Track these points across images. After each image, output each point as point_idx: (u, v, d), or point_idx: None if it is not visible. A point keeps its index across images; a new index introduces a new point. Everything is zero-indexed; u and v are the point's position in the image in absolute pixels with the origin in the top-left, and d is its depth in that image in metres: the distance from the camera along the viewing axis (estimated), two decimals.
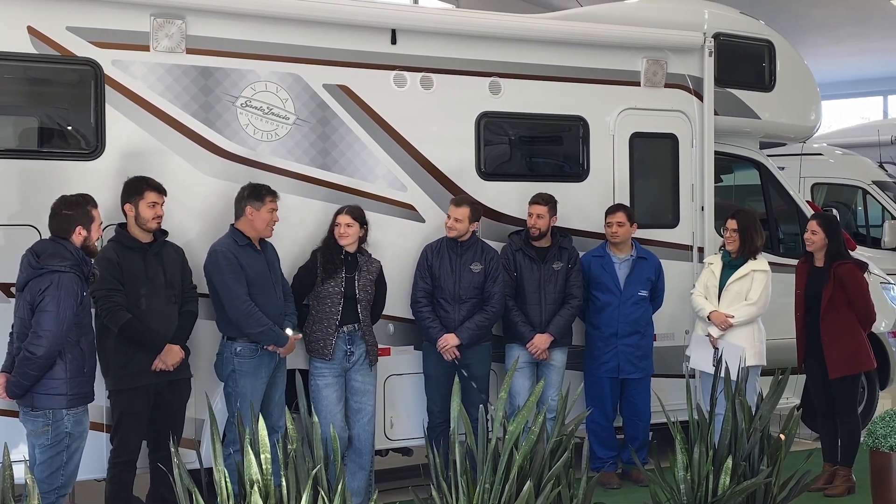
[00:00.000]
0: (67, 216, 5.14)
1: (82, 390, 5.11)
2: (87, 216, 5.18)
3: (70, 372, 5.02)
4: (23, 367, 4.94)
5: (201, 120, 6.18)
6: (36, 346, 4.90)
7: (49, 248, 5.07)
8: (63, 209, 5.16)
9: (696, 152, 7.76)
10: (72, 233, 5.12)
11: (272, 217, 5.99)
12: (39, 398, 4.98)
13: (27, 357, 4.91)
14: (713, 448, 5.31)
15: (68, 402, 5.02)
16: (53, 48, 5.81)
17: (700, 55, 7.75)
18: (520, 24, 7.24)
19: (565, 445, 4.88)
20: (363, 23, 6.64)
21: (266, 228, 6.00)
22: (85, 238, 5.16)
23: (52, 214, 5.18)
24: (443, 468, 4.80)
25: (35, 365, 4.92)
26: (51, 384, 4.98)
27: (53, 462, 5.02)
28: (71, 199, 5.20)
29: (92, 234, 5.19)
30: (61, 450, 5.03)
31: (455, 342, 6.48)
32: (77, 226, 5.13)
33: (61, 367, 5.00)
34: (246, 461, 4.21)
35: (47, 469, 5.01)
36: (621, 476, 7.28)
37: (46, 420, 5.00)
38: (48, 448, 5.01)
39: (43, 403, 4.99)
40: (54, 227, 5.16)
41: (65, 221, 5.14)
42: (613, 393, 7.19)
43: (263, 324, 5.85)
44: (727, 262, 7.07)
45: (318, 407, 6.09)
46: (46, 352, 4.91)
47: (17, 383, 4.98)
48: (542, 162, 7.73)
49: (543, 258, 6.91)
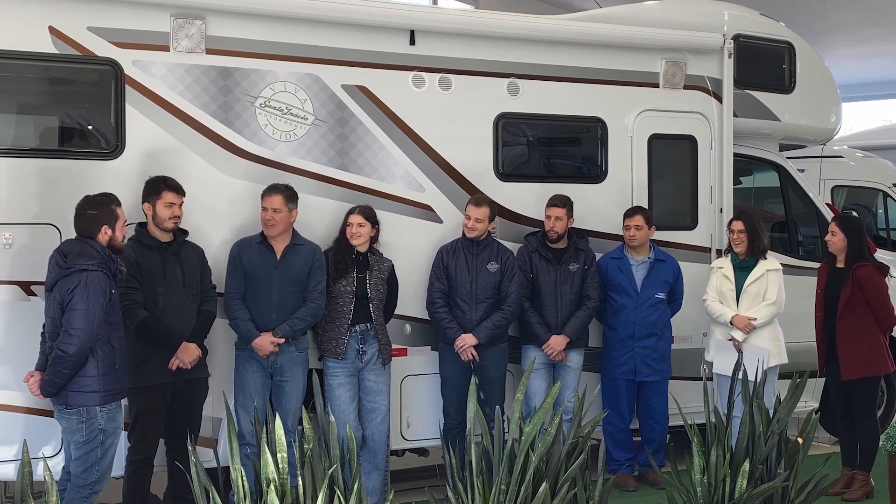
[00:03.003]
0: (93, 216, 5.18)
1: (115, 387, 5.16)
2: (112, 215, 5.22)
3: (102, 369, 5.07)
4: (56, 366, 4.99)
5: (220, 120, 6.21)
6: (67, 345, 4.95)
7: (76, 247, 5.12)
8: (88, 209, 5.20)
9: (714, 154, 7.73)
10: (98, 232, 5.17)
11: (265, 214, 6.00)
12: (73, 396, 5.04)
13: (59, 356, 4.96)
14: (730, 451, 5.29)
15: (101, 399, 5.07)
16: (74, 48, 5.85)
17: (719, 57, 7.72)
18: (538, 26, 7.23)
19: (581, 447, 4.87)
20: (382, 24, 6.66)
21: (263, 225, 6.03)
22: (111, 237, 5.20)
23: (77, 215, 5.22)
24: (459, 469, 4.80)
25: (67, 363, 4.96)
26: (84, 382, 5.03)
27: (88, 458, 5.08)
28: (95, 198, 5.25)
29: (117, 232, 5.24)
30: (95, 446, 5.09)
31: (473, 342, 6.48)
32: (102, 225, 5.18)
33: (93, 364, 5.05)
34: (262, 460, 4.23)
35: (82, 465, 5.07)
36: (638, 478, 7.26)
37: (80, 417, 5.05)
38: (83, 444, 5.07)
39: (76, 401, 5.04)
40: (80, 228, 5.21)
41: (90, 221, 5.18)
42: (630, 395, 7.18)
43: (234, 317, 5.99)
44: (737, 265, 7.04)
45: (331, 407, 6.10)
46: (78, 350, 4.96)
47: (50, 382, 5.03)
48: (559, 163, 7.72)
49: (560, 259, 6.90)
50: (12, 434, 5.59)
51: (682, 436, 6.70)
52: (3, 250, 5.65)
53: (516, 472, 4.56)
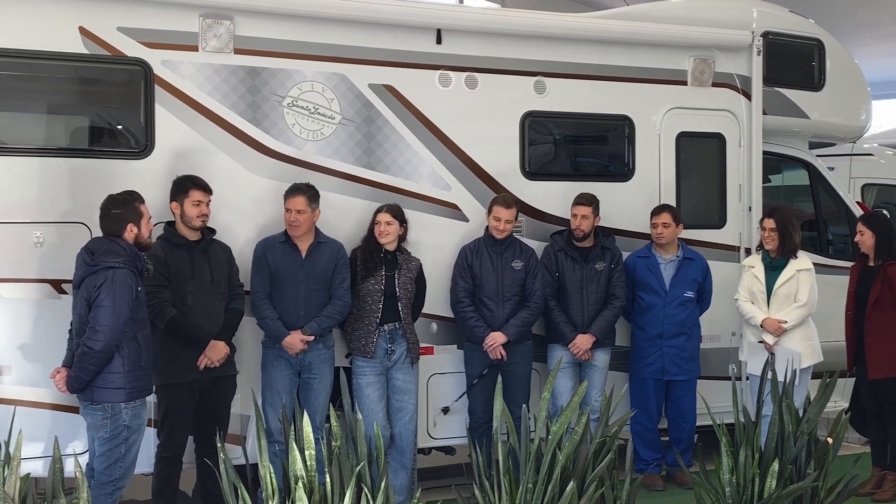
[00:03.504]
0: (117, 215, 5.22)
1: (140, 384, 5.19)
2: (136, 213, 5.26)
3: (128, 366, 5.11)
4: (82, 362, 5.03)
5: (248, 119, 6.25)
6: (93, 341, 4.99)
7: (103, 245, 5.17)
8: (112, 209, 5.25)
9: (743, 152, 7.68)
10: (123, 230, 5.21)
11: (289, 215, 6.02)
12: (98, 392, 5.08)
13: (85, 352, 5.01)
14: (759, 451, 5.26)
15: (126, 396, 5.11)
16: (104, 48, 5.91)
17: (748, 54, 7.67)
18: (565, 24, 7.21)
19: (609, 446, 4.86)
20: (408, 23, 6.67)
21: (288, 226, 6.05)
22: (136, 234, 5.24)
23: (102, 214, 5.27)
24: (485, 467, 4.80)
25: (93, 359, 5.01)
26: (109, 378, 5.07)
27: (112, 454, 5.11)
28: (118, 197, 5.29)
29: (142, 229, 5.28)
30: (119, 442, 5.12)
31: (503, 339, 6.48)
32: (128, 223, 5.22)
33: (119, 361, 5.08)
34: (291, 458, 4.25)
35: (106, 461, 5.10)
36: (665, 478, 7.22)
37: (105, 413, 5.08)
38: (107, 441, 5.10)
39: (102, 397, 5.08)
40: (105, 227, 5.26)
41: (115, 220, 5.22)
42: (658, 394, 7.14)
43: (263, 316, 6.00)
44: (768, 264, 6.98)
45: (360, 405, 6.11)
46: (104, 346, 5.00)
47: (76, 378, 5.07)
48: (586, 161, 7.69)
49: (586, 258, 6.88)
50: (43, 431, 5.65)
51: (710, 436, 6.67)
52: (33, 249, 5.71)
53: (543, 470, 4.56)
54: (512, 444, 4.80)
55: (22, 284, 5.70)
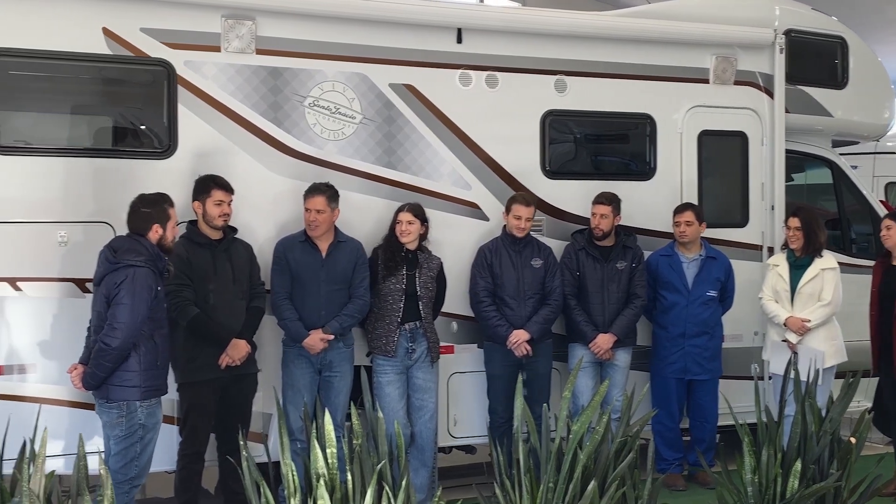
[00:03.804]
0: (145, 214, 5.27)
1: (155, 383, 5.22)
2: (164, 215, 5.30)
3: (143, 364, 5.13)
4: (98, 359, 5.06)
5: (270, 119, 6.28)
6: (111, 338, 5.02)
7: (126, 243, 5.21)
8: (141, 207, 5.29)
9: (766, 150, 7.65)
10: (149, 230, 5.25)
11: (308, 215, 6.04)
12: (114, 390, 5.10)
13: (102, 349, 5.04)
14: (782, 451, 5.24)
15: (142, 395, 5.13)
16: (127, 49, 5.95)
17: (771, 52, 7.64)
18: (586, 22, 7.21)
19: (630, 446, 4.85)
20: (429, 22, 6.68)
21: (308, 226, 6.07)
22: (161, 236, 5.28)
23: (131, 211, 5.32)
24: (506, 466, 4.80)
25: (110, 356, 5.04)
26: (125, 376, 5.10)
27: (128, 453, 5.14)
28: (149, 197, 5.34)
29: (167, 232, 5.31)
30: (135, 441, 5.14)
31: (526, 337, 6.48)
32: (154, 224, 5.26)
33: (135, 359, 5.11)
34: (312, 455, 4.27)
35: (121, 460, 5.12)
36: (687, 478, 7.20)
37: (121, 412, 5.11)
38: (122, 439, 5.13)
39: (117, 395, 5.10)
40: (132, 224, 5.30)
41: (142, 219, 5.27)
42: (680, 394, 7.12)
43: (283, 317, 6.01)
44: (793, 263, 6.94)
45: (381, 404, 6.12)
46: (121, 344, 5.03)
47: (92, 374, 5.10)
48: (607, 160, 7.68)
49: (607, 257, 6.87)
50: (66, 428, 5.70)
51: (731, 435, 6.65)
52: (58, 248, 5.77)
53: (564, 470, 4.56)
54: (533, 443, 4.81)
55: (46, 283, 5.76)
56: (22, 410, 5.43)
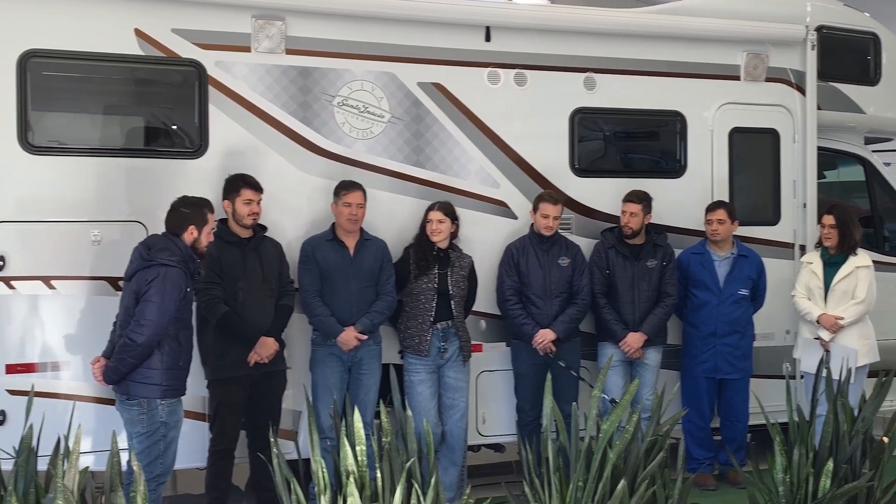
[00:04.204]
0: (184, 214, 5.32)
1: (175, 383, 5.24)
2: (202, 218, 5.35)
3: (166, 363, 5.17)
4: (122, 354, 5.10)
5: (300, 119, 6.31)
6: (137, 335, 5.06)
7: (160, 242, 5.26)
8: (182, 207, 5.35)
9: (798, 148, 7.58)
10: (184, 230, 5.29)
11: (349, 210, 6.07)
12: (135, 386, 5.14)
13: (127, 344, 5.08)
14: (814, 450, 5.20)
15: (162, 393, 5.16)
16: (159, 50, 6.00)
17: (802, 49, 7.58)
18: (615, 19, 7.17)
19: (660, 445, 4.83)
20: (457, 20, 6.68)
21: (346, 221, 6.09)
22: (195, 238, 5.32)
23: (171, 210, 5.37)
24: (535, 465, 4.80)
25: (134, 352, 5.08)
26: (147, 374, 5.13)
27: (152, 451, 5.17)
28: (191, 199, 5.40)
29: (202, 236, 5.35)
30: (158, 439, 5.18)
31: (552, 336, 6.46)
32: (190, 225, 5.30)
33: (158, 357, 5.15)
34: (342, 453, 4.29)
35: (147, 457, 5.15)
36: (718, 478, 7.16)
37: (142, 409, 5.15)
38: (145, 437, 5.16)
39: (138, 392, 5.14)
40: (169, 223, 5.35)
41: (180, 219, 5.32)
42: (711, 393, 7.08)
43: (316, 314, 6.02)
44: (827, 260, 6.88)
45: (412, 402, 6.14)
46: (146, 340, 5.07)
47: (114, 369, 5.14)
48: (637, 158, 7.64)
49: (637, 256, 6.84)
50: (99, 425, 5.76)
51: (763, 435, 6.60)
52: (91, 247, 5.83)
53: (594, 469, 4.54)
54: (562, 441, 4.80)
55: (80, 282, 5.82)
56: (55, 407, 5.49)
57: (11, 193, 5.71)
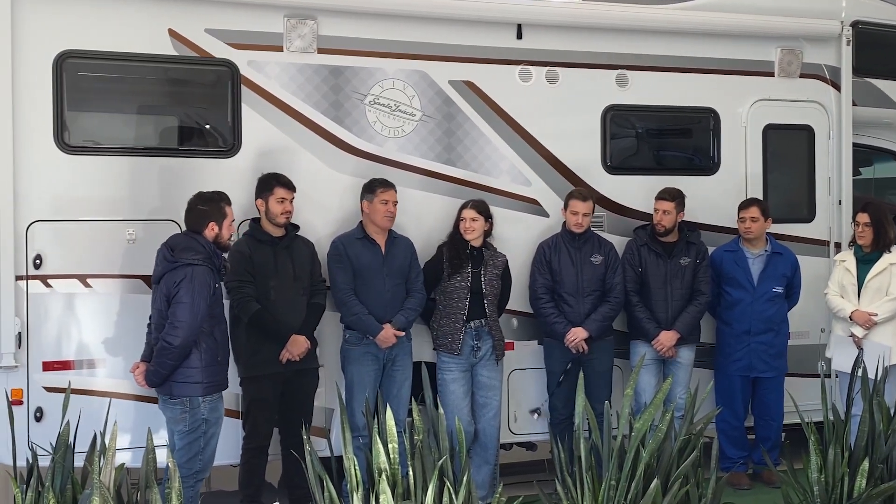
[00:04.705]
0: (202, 212, 5.35)
1: (217, 378, 5.30)
2: (220, 213, 5.38)
3: (205, 361, 5.22)
4: (161, 357, 5.16)
5: (331, 118, 6.33)
6: (173, 337, 5.11)
7: (183, 241, 5.30)
8: (198, 205, 5.38)
9: (833, 144, 7.51)
10: (205, 227, 5.33)
11: (386, 207, 6.08)
12: (177, 386, 5.20)
13: (164, 347, 5.13)
14: (849, 449, 5.15)
15: (204, 390, 5.21)
16: (192, 50, 6.05)
17: (837, 44, 7.50)
18: (648, 15, 7.12)
19: (694, 444, 4.81)
20: (488, 18, 6.67)
21: (382, 219, 6.10)
22: (217, 234, 5.36)
23: (188, 209, 5.41)
24: (567, 463, 4.79)
25: (172, 354, 5.13)
26: (187, 373, 5.19)
27: (192, 448, 5.22)
28: (206, 195, 5.43)
29: (223, 230, 5.39)
30: (198, 436, 5.23)
31: (584, 335, 6.44)
32: (210, 222, 5.34)
33: (196, 356, 5.20)
34: (374, 450, 4.31)
35: (186, 454, 5.21)
36: (752, 477, 7.11)
37: (184, 407, 5.20)
38: (186, 434, 5.22)
39: (180, 391, 5.20)
40: (189, 222, 5.40)
41: (199, 217, 5.36)
42: (745, 392, 7.02)
43: (354, 312, 6.00)
44: (861, 258, 6.81)
45: (444, 401, 6.15)
46: (182, 341, 5.11)
47: (155, 372, 5.20)
48: (670, 155, 7.59)
49: (670, 253, 6.80)
50: (134, 422, 5.82)
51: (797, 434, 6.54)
52: (126, 246, 5.89)
53: (626, 468, 4.53)
54: (594, 440, 4.79)
55: (115, 280, 5.88)
56: (91, 404, 5.56)
57: (48, 193, 5.78)
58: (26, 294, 5.70)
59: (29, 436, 5.52)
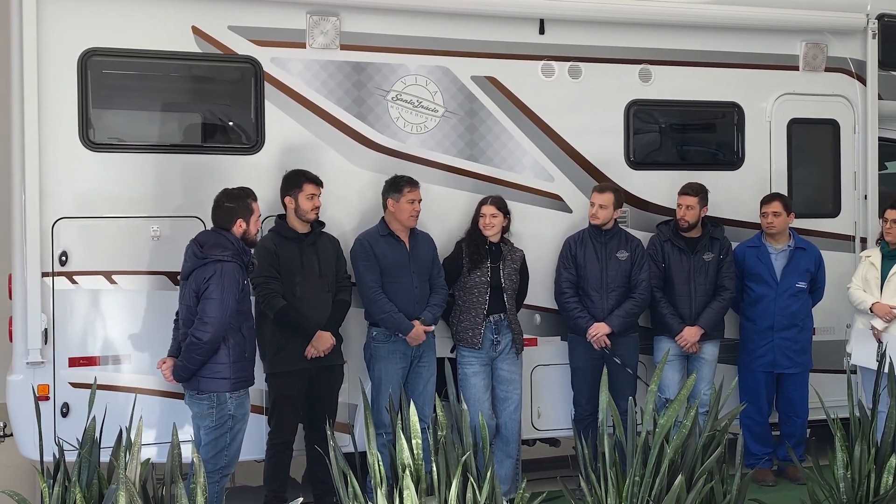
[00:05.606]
0: (229, 208, 5.38)
1: (244, 374, 5.33)
2: (247, 209, 5.40)
3: (233, 357, 5.24)
4: (189, 353, 5.19)
5: (354, 114, 6.35)
6: (202, 332, 5.14)
7: (211, 238, 5.33)
8: (225, 202, 5.40)
9: (858, 138, 7.45)
10: (233, 224, 5.35)
11: (413, 207, 6.09)
12: (205, 382, 5.22)
13: (193, 342, 5.16)
14: (875, 446, 5.11)
15: (231, 386, 5.24)
16: (216, 47, 6.08)
17: (863, 38, 7.44)
18: (671, 10, 7.09)
19: (718, 440, 4.79)
20: (511, 14, 6.66)
21: (408, 218, 6.11)
22: (245, 230, 5.38)
23: (215, 206, 5.44)
24: (591, 459, 4.79)
25: (201, 350, 5.16)
26: (215, 368, 5.21)
27: (218, 443, 5.25)
28: (233, 192, 5.45)
29: (251, 226, 5.41)
30: (225, 431, 5.25)
31: (606, 330, 6.43)
32: (238, 218, 5.36)
33: (224, 352, 5.22)
34: (398, 446, 4.32)
35: (212, 450, 5.24)
36: (777, 473, 7.07)
37: (211, 403, 5.23)
38: (213, 430, 5.24)
39: (208, 387, 5.22)
40: (216, 219, 5.42)
41: (226, 213, 5.38)
42: (769, 388, 6.98)
43: (386, 310, 5.98)
44: (887, 253, 6.75)
45: (466, 395, 6.16)
46: (211, 337, 5.14)
47: (183, 367, 5.23)
48: (693, 150, 7.56)
49: (693, 249, 6.77)
50: (159, 417, 5.87)
51: (822, 430, 6.50)
52: (150, 242, 5.93)
53: (651, 464, 4.52)
54: (618, 436, 4.78)
55: (140, 276, 5.93)
56: (117, 400, 5.62)
57: (73, 190, 5.82)
58: (52, 291, 5.76)
59: (55, 431, 5.57)
